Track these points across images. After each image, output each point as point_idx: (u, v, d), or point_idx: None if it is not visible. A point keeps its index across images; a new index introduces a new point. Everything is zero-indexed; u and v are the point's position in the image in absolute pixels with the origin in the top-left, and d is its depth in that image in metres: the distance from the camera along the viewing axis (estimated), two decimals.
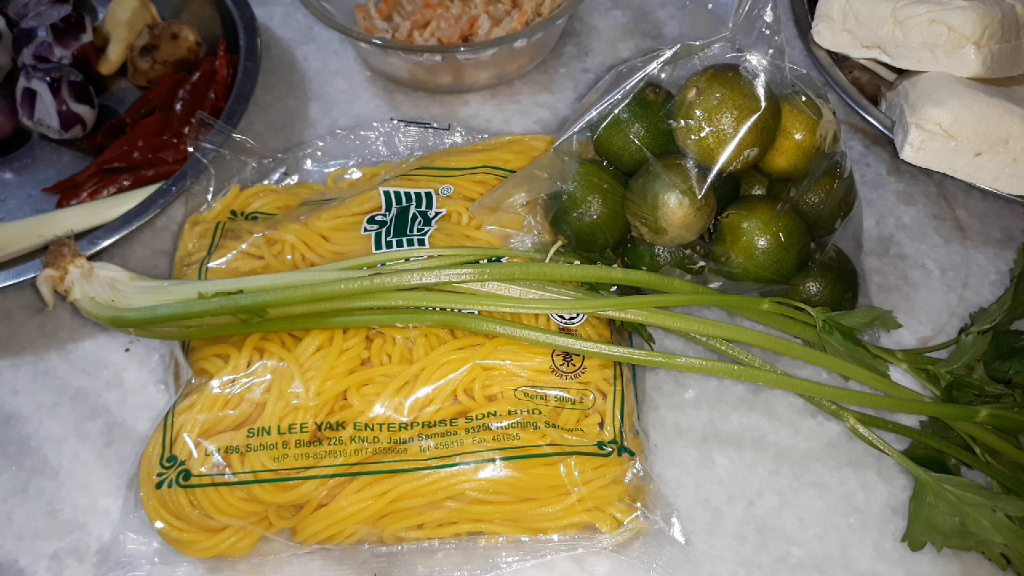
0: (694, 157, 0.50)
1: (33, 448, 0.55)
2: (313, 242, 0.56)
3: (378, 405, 0.49)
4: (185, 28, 0.72)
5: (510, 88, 0.73)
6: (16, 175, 0.69)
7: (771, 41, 0.50)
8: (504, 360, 0.50)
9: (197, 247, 0.57)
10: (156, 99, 0.69)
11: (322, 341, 0.51)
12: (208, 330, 0.51)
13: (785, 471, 0.53)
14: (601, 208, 0.52)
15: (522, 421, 0.49)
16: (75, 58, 0.71)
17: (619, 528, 0.48)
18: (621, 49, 0.75)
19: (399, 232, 0.55)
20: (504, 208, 0.55)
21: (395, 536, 0.49)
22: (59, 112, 0.67)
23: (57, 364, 0.59)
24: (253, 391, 0.49)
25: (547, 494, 0.49)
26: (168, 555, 0.49)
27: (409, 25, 0.71)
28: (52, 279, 0.52)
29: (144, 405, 0.57)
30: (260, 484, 0.48)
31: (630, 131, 0.52)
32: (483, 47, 0.66)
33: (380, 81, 0.74)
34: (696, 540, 0.51)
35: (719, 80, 0.49)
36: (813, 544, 0.51)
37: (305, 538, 0.49)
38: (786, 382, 0.51)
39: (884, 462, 0.53)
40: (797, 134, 0.51)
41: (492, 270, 0.51)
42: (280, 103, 0.73)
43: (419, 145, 0.66)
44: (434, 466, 0.48)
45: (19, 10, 0.74)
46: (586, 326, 0.52)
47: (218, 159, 0.62)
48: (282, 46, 0.77)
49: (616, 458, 0.49)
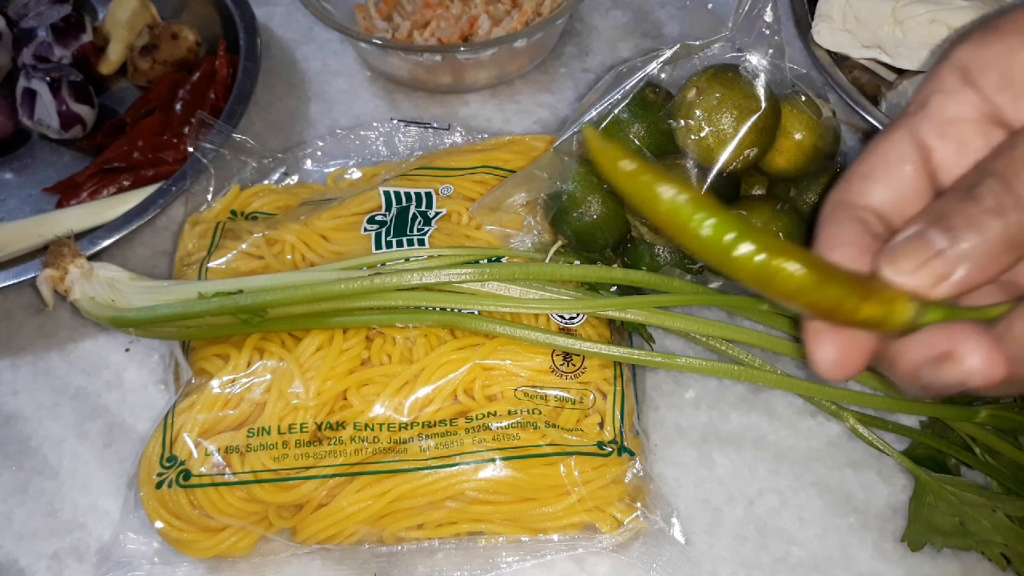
0: (694, 157, 0.50)
1: (33, 448, 0.55)
2: (313, 242, 0.56)
3: (378, 405, 0.49)
4: (185, 28, 0.72)
5: (510, 88, 0.73)
6: (16, 175, 0.69)
7: (771, 41, 0.50)
8: (504, 360, 0.50)
9: (197, 247, 0.57)
10: (156, 99, 0.69)
11: (322, 341, 0.51)
12: (208, 330, 0.51)
13: (785, 471, 0.53)
14: (601, 208, 0.52)
15: (522, 421, 0.49)
16: (75, 58, 0.71)
17: (619, 528, 0.48)
18: (621, 49, 0.75)
19: (399, 232, 0.55)
20: (504, 208, 0.55)
21: (395, 536, 0.49)
22: (59, 112, 0.67)
23: (57, 364, 0.59)
24: (253, 391, 0.49)
25: (547, 494, 0.49)
26: (168, 555, 0.49)
27: (409, 25, 0.71)
28: (52, 279, 0.52)
29: (144, 405, 0.57)
30: (260, 484, 0.48)
31: (630, 131, 0.52)
32: (483, 47, 0.66)
33: (380, 81, 0.74)
34: (696, 540, 0.51)
35: (719, 80, 0.49)
36: (813, 544, 0.51)
37: (305, 538, 0.49)
38: (786, 382, 0.51)
39: (884, 462, 0.53)
40: (797, 134, 0.51)
41: (492, 270, 0.51)
42: (280, 103, 0.73)
43: (419, 145, 0.66)
44: (434, 466, 0.48)
45: (19, 10, 0.74)
46: (586, 326, 0.52)
47: (218, 159, 0.62)
48: (282, 46, 0.77)
49: (616, 458, 0.49)
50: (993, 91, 0.32)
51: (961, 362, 0.30)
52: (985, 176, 0.30)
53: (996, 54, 0.32)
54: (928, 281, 0.29)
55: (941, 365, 0.30)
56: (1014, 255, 0.29)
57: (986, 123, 0.32)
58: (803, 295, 0.29)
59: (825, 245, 0.33)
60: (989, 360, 0.29)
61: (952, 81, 0.33)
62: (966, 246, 0.29)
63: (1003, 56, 0.31)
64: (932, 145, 0.33)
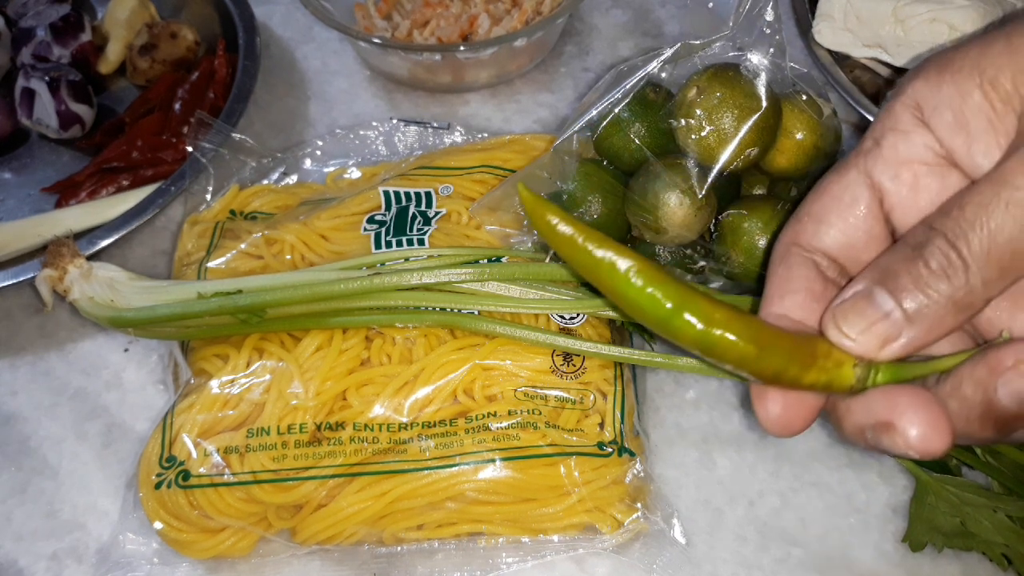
0: (695, 156, 0.50)
1: (32, 448, 0.55)
2: (312, 242, 0.56)
3: (378, 405, 0.49)
4: (184, 27, 0.72)
5: (510, 87, 0.72)
6: (15, 175, 0.69)
7: (772, 40, 0.50)
8: (504, 360, 0.50)
9: (196, 247, 0.57)
10: (155, 98, 0.69)
11: (321, 341, 0.51)
12: (207, 330, 0.51)
13: (786, 472, 0.53)
14: (601, 208, 0.52)
15: (522, 421, 0.49)
16: (74, 57, 0.71)
17: (619, 529, 0.48)
18: (621, 48, 0.75)
19: (399, 232, 0.55)
20: (504, 208, 0.55)
21: (395, 537, 0.49)
22: (58, 111, 0.67)
23: (56, 364, 0.59)
24: (252, 391, 0.49)
25: (547, 495, 0.49)
26: (167, 555, 0.49)
27: (409, 24, 0.71)
28: (51, 279, 0.52)
29: (143, 405, 0.57)
30: (259, 484, 0.48)
31: (630, 130, 0.51)
32: (483, 46, 0.66)
33: (380, 80, 0.74)
34: (697, 541, 0.50)
35: (720, 79, 0.49)
36: (814, 545, 0.50)
37: (305, 539, 0.48)
38: None
39: (885, 462, 0.53)
40: (798, 133, 0.51)
41: (492, 270, 0.51)
42: (279, 102, 0.73)
43: (419, 144, 0.66)
44: (434, 466, 0.48)
45: (18, 9, 0.74)
46: (586, 326, 0.52)
47: (217, 159, 0.62)
48: (281, 45, 0.77)
49: (616, 459, 0.49)
50: (946, 133, 0.31)
51: (902, 434, 0.29)
52: (933, 235, 0.29)
53: (950, 94, 0.31)
54: (874, 345, 0.29)
55: (882, 434, 0.30)
56: (960, 317, 0.29)
57: (940, 165, 0.32)
58: (744, 365, 0.29)
59: (776, 290, 0.33)
60: (928, 434, 0.29)
61: (906, 119, 0.32)
62: (912, 308, 0.29)
63: (956, 97, 0.31)
64: (886, 188, 0.32)
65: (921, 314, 0.29)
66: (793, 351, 0.29)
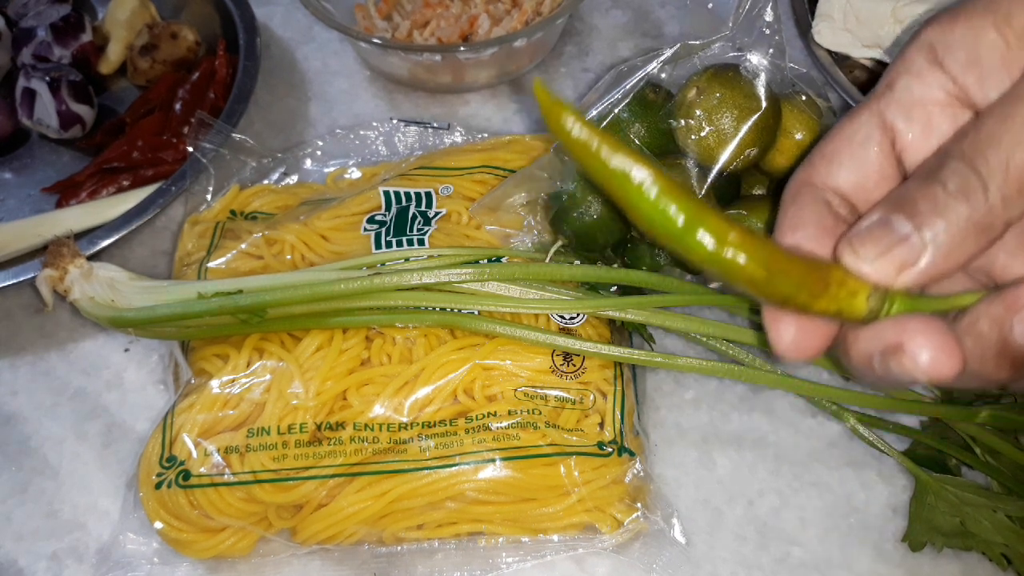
0: (694, 157, 0.50)
1: (33, 448, 0.55)
2: (313, 242, 0.56)
3: (378, 405, 0.49)
4: (184, 28, 0.72)
5: (510, 88, 0.73)
6: (15, 175, 0.69)
7: (771, 40, 0.50)
8: (504, 360, 0.50)
9: (196, 247, 0.57)
10: (155, 99, 0.69)
11: (322, 341, 0.51)
12: (207, 330, 0.51)
13: (785, 471, 0.53)
14: (601, 208, 0.52)
15: (522, 421, 0.49)
16: (74, 58, 0.71)
17: (619, 528, 0.48)
18: (621, 49, 0.75)
19: (399, 232, 0.55)
20: (504, 208, 0.55)
21: (395, 536, 0.49)
22: (58, 112, 0.67)
23: (56, 364, 0.59)
24: (253, 391, 0.49)
25: (547, 494, 0.49)
26: (167, 555, 0.49)
27: (409, 24, 0.71)
28: (51, 279, 0.52)
29: (143, 405, 0.57)
30: (260, 484, 0.48)
31: (630, 131, 0.51)
32: (483, 46, 0.66)
33: (380, 81, 0.74)
34: (697, 540, 0.51)
35: (719, 79, 0.49)
36: (813, 544, 0.50)
37: (305, 538, 0.49)
38: (786, 382, 0.51)
39: (884, 462, 0.53)
40: (798, 133, 0.51)
41: (492, 270, 0.51)
42: (280, 103, 0.73)
43: (419, 145, 0.66)
44: (434, 466, 0.48)
45: (18, 9, 0.74)
46: (586, 326, 0.52)
47: (218, 159, 0.62)
48: (282, 46, 0.77)
49: (616, 458, 0.49)
50: (960, 71, 0.31)
51: (911, 357, 0.28)
52: (949, 159, 0.28)
53: (963, 34, 0.31)
54: (891, 270, 0.28)
55: (891, 357, 0.29)
56: (981, 241, 0.28)
57: (953, 104, 0.31)
58: (754, 288, 0.28)
59: (787, 226, 0.32)
60: (939, 357, 0.28)
61: (919, 62, 0.32)
62: (931, 232, 0.28)
63: (970, 36, 0.31)
64: (898, 127, 0.32)
65: (940, 237, 0.28)
66: (805, 277, 0.28)
